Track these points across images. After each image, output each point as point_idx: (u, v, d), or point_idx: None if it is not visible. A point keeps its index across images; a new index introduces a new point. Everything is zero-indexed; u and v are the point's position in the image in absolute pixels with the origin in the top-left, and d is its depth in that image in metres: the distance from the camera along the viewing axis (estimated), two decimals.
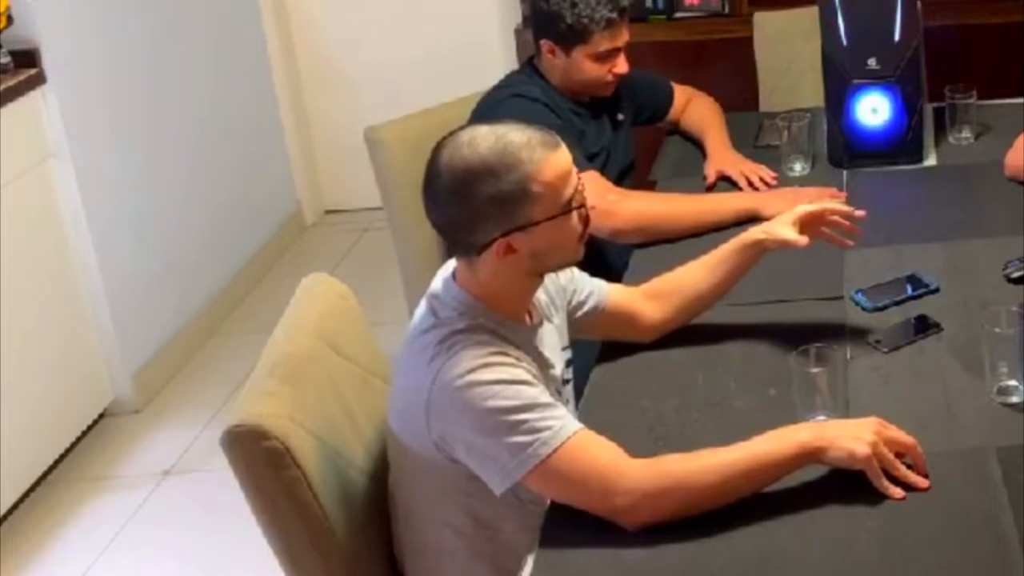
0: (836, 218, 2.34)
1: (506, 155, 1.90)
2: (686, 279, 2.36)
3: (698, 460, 1.87)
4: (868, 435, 1.86)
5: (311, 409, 2.03)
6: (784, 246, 2.30)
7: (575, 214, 1.96)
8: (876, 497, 1.86)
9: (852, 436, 1.87)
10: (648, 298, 2.36)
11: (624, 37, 3.01)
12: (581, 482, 1.85)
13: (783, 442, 1.87)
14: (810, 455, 1.87)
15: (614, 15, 2.96)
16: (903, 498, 1.85)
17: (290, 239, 5.09)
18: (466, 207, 1.91)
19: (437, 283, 2.05)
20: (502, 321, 1.97)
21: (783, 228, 2.30)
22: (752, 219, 2.83)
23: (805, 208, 2.34)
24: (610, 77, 3.03)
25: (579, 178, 1.99)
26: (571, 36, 2.97)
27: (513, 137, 1.93)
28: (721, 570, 1.79)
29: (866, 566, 1.76)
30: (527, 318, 2.06)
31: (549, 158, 1.93)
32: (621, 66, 3.03)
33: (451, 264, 2.06)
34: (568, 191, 1.95)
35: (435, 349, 1.92)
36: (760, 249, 2.33)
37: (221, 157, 4.62)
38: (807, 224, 2.32)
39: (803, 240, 2.29)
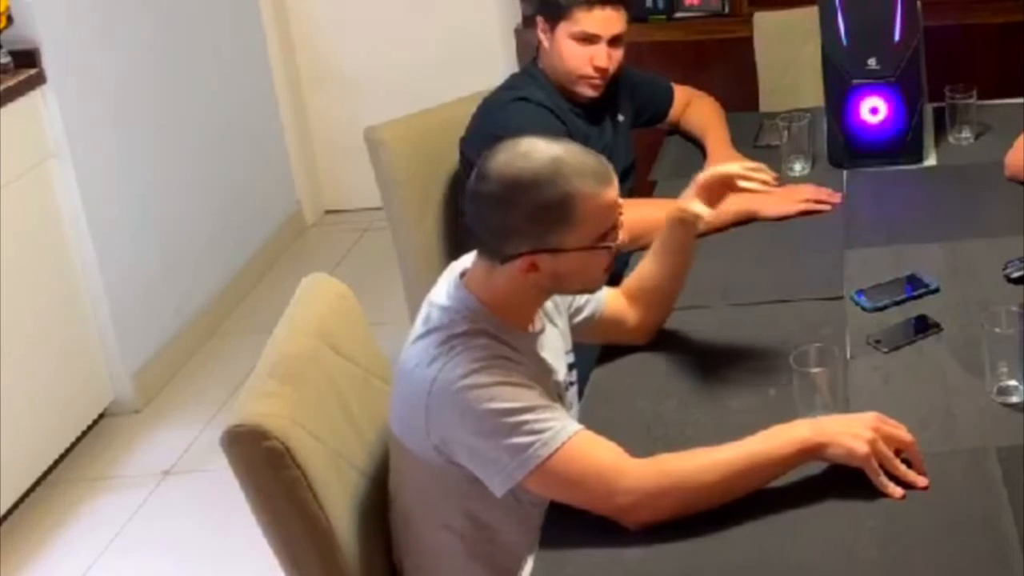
0: (747, 185, 2.28)
1: (558, 176, 1.89)
2: (642, 274, 2.36)
3: (698, 459, 1.87)
4: (867, 432, 1.86)
5: (311, 409, 2.03)
6: (697, 218, 2.27)
7: (606, 249, 1.96)
8: (875, 496, 1.86)
9: (852, 434, 1.87)
10: (630, 297, 2.36)
11: (609, 26, 2.97)
12: (582, 482, 1.86)
13: (783, 439, 1.87)
14: (810, 452, 1.87)
15: None
16: (903, 497, 1.85)
17: (290, 239, 5.09)
18: (504, 215, 1.91)
19: (440, 287, 2.04)
20: (504, 327, 1.97)
21: (691, 202, 2.27)
22: (750, 220, 2.83)
23: (707, 174, 2.30)
24: (590, 69, 2.98)
25: (620, 213, 1.97)
26: (556, 10, 2.97)
27: (569, 159, 1.92)
28: (720, 570, 1.79)
29: (866, 566, 1.76)
30: (530, 326, 2.05)
31: (597, 191, 1.92)
32: (600, 58, 2.97)
33: (456, 267, 2.06)
34: (606, 226, 1.94)
35: (435, 352, 1.92)
36: (686, 225, 2.29)
37: (221, 157, 4.62)
38: (714, 189, 2.28)
39: (706, 211, 2.25)
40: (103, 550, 3.35)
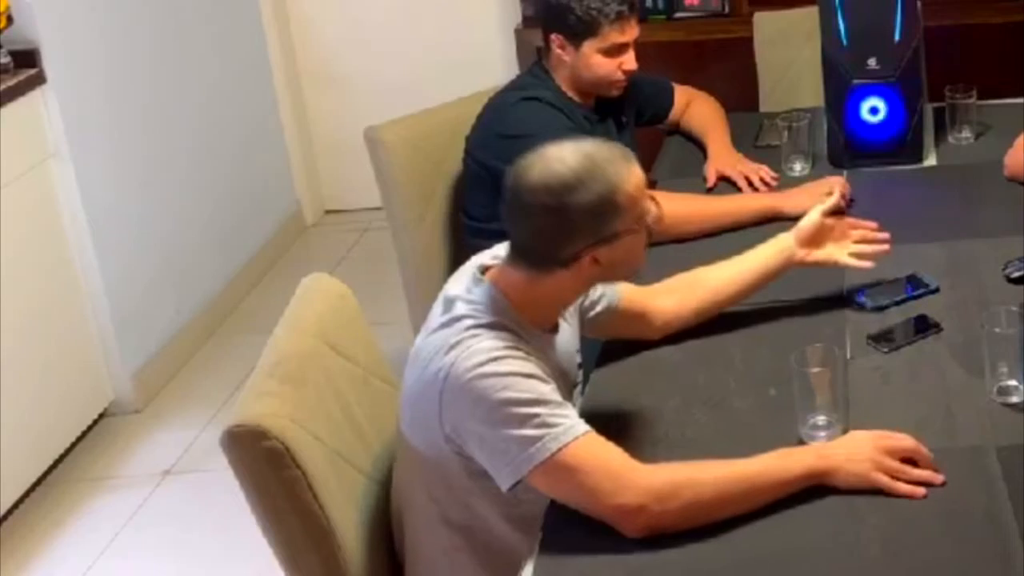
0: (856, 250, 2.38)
1: (595, 167, 1.94)
2: (715, 276, 2.38)
3: (705, 469, 1.87)
4: (872, 454, 1.88)
5: (311, 409, 2.03)
6: (811, 232, 2.36)
7: (646, 226, 2.01)
8: (876, 495, 1.86)
9: (857, 459, 1.88)
10: (667, 293, 2.37)
11: (634, 32, 3.00)
12: (588, 480, 1.85)
13: (790, 462, 1.89)
14: (815, 478, 1.89)
15: (624, 8, 2.95)
16: (925, 495, 1.86)
17: (290, 239, 5.09)
18: (560, 220, 1.93)
19: (460, 281, 2.04)
20: (524, 325, 1.98)
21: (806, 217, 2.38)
22: (772, 219, 2.81)
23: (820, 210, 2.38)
24: (620, 75, 3.01)
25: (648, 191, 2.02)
26: (581, 29, 2.96)
27: (597, 151, 1.97)
28: (722, 569, 1.79)
29: (867, 564, 1.76)
30: (549, 325, 2.06)
31: (631, 170, 1.97)
32: (630, 62, 3.01)
33: (475, 262, 2.06)
34: (645, 203, 1.99)
35: (453, 340, 1.92)
36: (787, 256, 2.36)
37: (221, 157, 4.62)
38: (816, 237, 2.38)
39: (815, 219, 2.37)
40: (103, 550, 3.35)
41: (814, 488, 1.88)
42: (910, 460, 1.90)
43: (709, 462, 1.89)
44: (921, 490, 1.87)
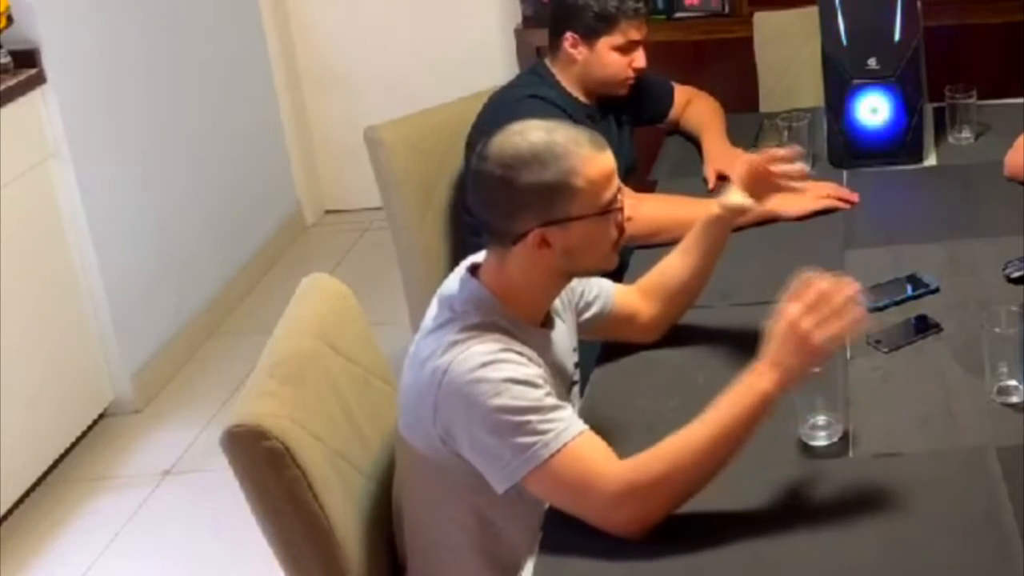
0: (781, 168, 2.35)
1: (554, 145, 1.93)
2: (667, 269, 2.37)
3: (670, 446, 1.83)
4: (800, 333, 1.81)
5: (311, 409, 2.03)
6: (740, 212, 2.33)
7: (612, 219, 1.98)
8: (876, 496, 1.86)
9: (795, 352, 1.82)
10: (644, 294, 2.37)
11: (645, 30, 3.05)
12: (572, 486, 1.85)
13: (746, 399, 1.83)
14: (777, 394, 1.83)
15: (639, 4, 3.00)
16: (863, 316, 1.82)
17: (290, 239, 5.09)
18: (509, 193, 1.93)
19: (451, 281, 2.04)
20: (516, 322, 1.98)
21: (734, 195, 2.33)
22: (770, 220, 2.79)
23: (743, 168, 2.35)
24: (630, 72, 3.05)
25: (620, 186, 2.00)
26: (598, 25, 3.00)
27: (562, 131, 1.97)
28: (722, 570, 1.79)
29: (867, 564, 1.76)
30: (542, 322, 2.05)
31: (595, 156, 1.96)
32: (640, 60, 3.06)
33: (465, 264, 2.06)
34: (608, 193, 1.97)
35: (448, 342, 1.92)
36: (722, 223, 2.33)
37: (221, 157, 4.62)
38: (755, 183, 2.34)
39: (749, 201, 2.32)
40: (103, 550, 3.35)
41: (813, 488, 1.89)
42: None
43: (675, 439, 1.83)
44: (859, 309, 1.82)
